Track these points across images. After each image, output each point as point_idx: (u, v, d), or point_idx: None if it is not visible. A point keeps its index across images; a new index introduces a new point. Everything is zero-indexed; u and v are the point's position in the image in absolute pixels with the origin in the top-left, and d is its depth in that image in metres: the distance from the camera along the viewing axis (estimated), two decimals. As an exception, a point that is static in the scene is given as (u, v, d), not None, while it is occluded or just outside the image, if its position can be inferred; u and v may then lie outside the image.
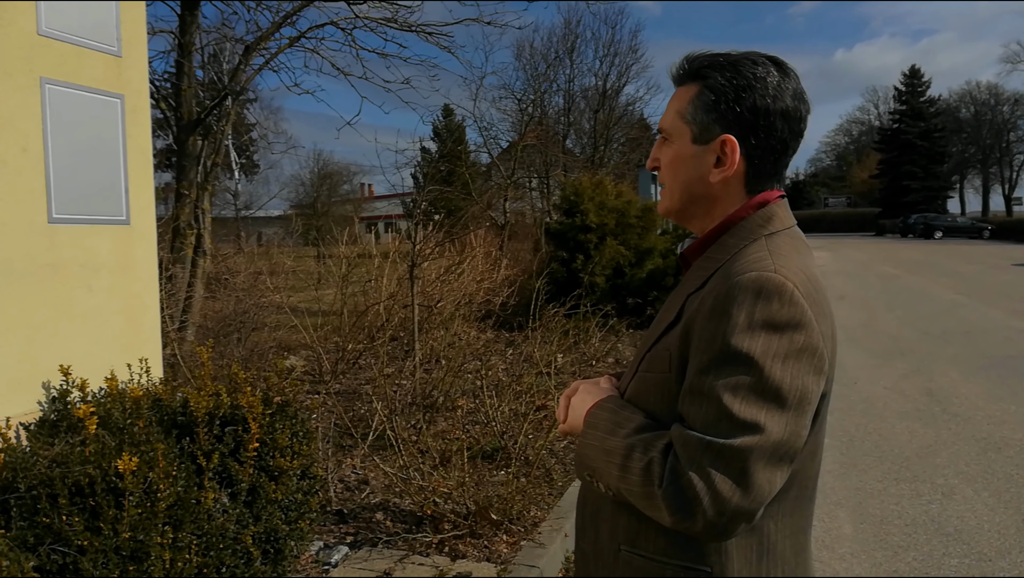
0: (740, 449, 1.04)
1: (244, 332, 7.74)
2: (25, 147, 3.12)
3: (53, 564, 2.25)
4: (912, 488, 4.67)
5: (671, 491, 1.06)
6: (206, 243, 7.66)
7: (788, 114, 1.22)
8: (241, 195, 33.57)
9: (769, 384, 1.06)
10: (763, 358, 1.06)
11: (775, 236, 1.21)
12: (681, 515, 1.05)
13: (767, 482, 1.06)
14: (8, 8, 3.04)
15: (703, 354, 1.10)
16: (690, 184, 1.26)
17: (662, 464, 1.08)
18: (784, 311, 1.08)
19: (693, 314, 1.15)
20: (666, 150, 1.29)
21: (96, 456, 2.36)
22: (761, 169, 1.24)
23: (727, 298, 1.10)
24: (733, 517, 1.05)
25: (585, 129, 24.04)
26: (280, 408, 3.02)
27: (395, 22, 8.47)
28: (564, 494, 4.21)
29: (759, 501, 1.06)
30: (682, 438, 1.08)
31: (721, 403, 1.06)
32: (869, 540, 3.95)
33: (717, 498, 1.03)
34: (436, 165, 19.89)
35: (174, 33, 7.95)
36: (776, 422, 1.06)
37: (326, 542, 3.58)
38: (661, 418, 1.18)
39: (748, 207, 1.23)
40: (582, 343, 7.98)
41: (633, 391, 1.27)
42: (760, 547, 1.17)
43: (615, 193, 11.20)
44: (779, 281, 1.10)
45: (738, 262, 1.16)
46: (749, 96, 1.20)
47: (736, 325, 1.08)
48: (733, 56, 1.24)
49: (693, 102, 1.24)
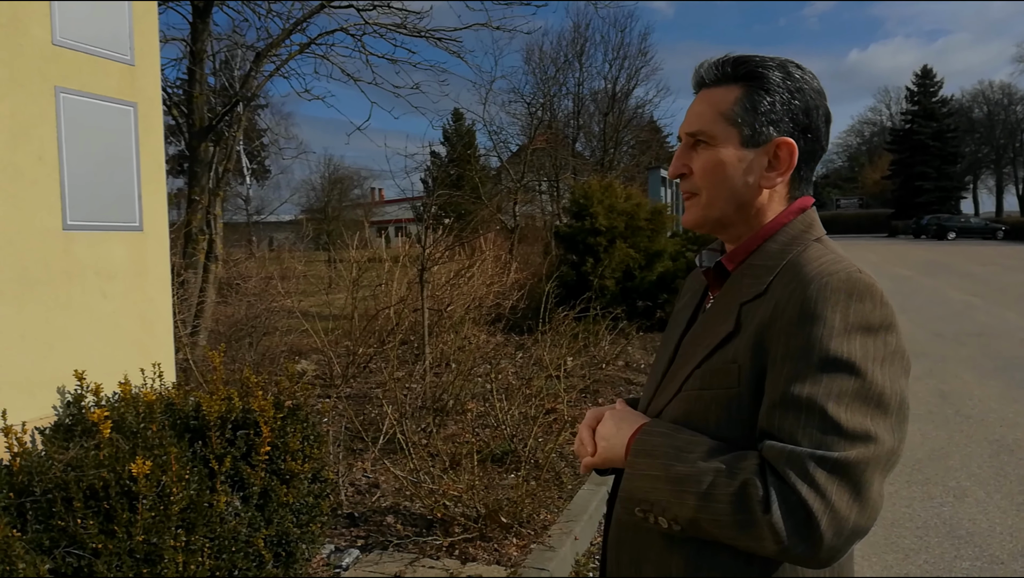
0: (856, 462, 0.96)
1: (256, 336, 7.79)
2: (40, 155, 3.17)
3: (68, 566, 2.28)
4: (924, 490, 4.65)
5: (782, 514, 0.95)
6: (218, 248, 7.71)
7: (828, 117, 1.19)
8: (252, 200, 33.75)
9: (873, 389, 0.99)
10: (864, 362, 1.00)
11: (823, 240, 1.16)
12: (795, 539, 0.95)
13: (879, 496, 0.99)
14: (23, 18, 3.09)
15: (795, 362, 1.01)
16: (737, 190, 1.17)
17: (760, 486, 0.97)
18: (878, 312, 1.03)
19: (766, 322, 1.06)
20: (703, 155, 1.18)
21: (110, 460, 2.39)
22: (804, 174, 1.20)
23: (818, 300, 1.02)
24: (850, 537, 0.97)
25: (594, 132, 24.05)
26: (291, 412, 3.05)
27: (404, 28, 8.52)
28: (574, 497, 4.22)
29: (874, 517, 0.99)
30: (786, 454, 0.97)
31: (826, 413, 0.97)
32: (880, 542, 3.93)
33: (836, 517, 0.95)
34: (446, 169, 19.97)
35: (186, 41, 8.03)
36: (885, 429, 0.99)
37: (337, 545, 3.60)
38: (727, 438, 1.07)
39: (789, 212, 1.18)
40: (592, 346, 7.98)
41: (680, 411, 1.15)
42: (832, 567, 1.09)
43: (625, 196, 11.19)
44: (869, 281, 1.04)
45: (810, 265, 1.08)
46: (802, 98, 1.16)
47: (832, 328, 1.00)
48: (776, 58, 1.19)
49: (740, 103, 1.16)
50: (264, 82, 8.72)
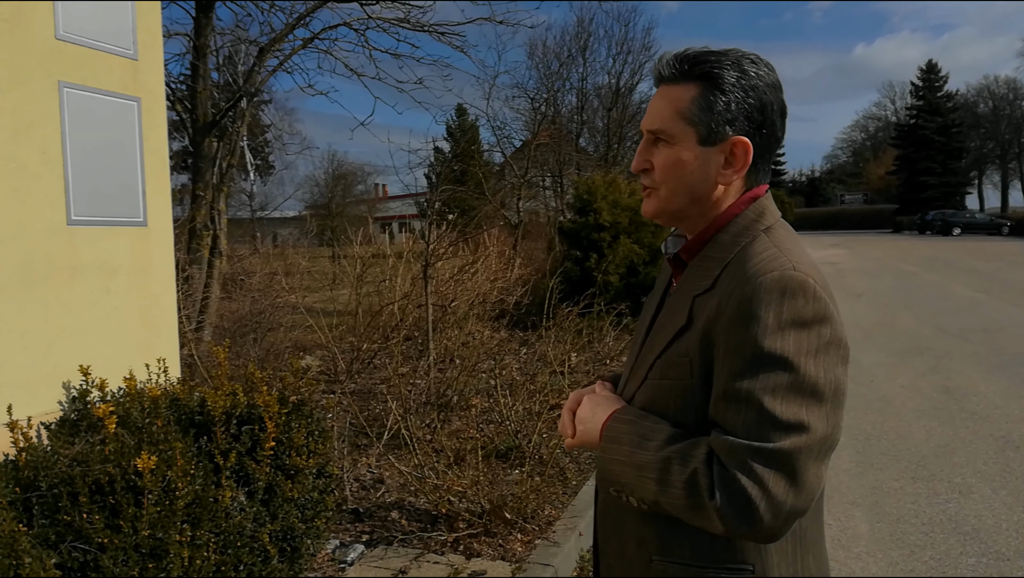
0: (790, 451, 1.05)
1: (260, 332, 7.80)
2: (44, 150, 3.16)
3: (74, 561, 2.29)
4: (929, 487, 4.64)
5: (725, 500, 1.05)
6: (222, 244, 7.72)
7: (783, 110, 1.24)
8: (256, 196, 33.78)
9: (806, 381, 1.07)
10: (796, 356, 1.07)
11: (772, 230, 1.21)
12: (737, 522, 1.05)
13: (816, 478, 1.08)
14: (26, 13, 3.09)
15: (734, 358, 1.10)
16: (694, 186, 1.23)
17: (708, 474, 1.08)
18: (810, 307, 1.09)
19: (711, 318, 1.14)
20: (663, 152, 1.24)
21: (116, 455, 2.39)
22: (760, 167, 1.24)
23: (752, 300, 1.09)
24: (788, 518, 1.06)
25: (598, 127, 23.97)
26: (296, 407, 3.05)
27: (408, 22, 8.51)
28: (578, 493, 4.21)
29: (811, 498, 1.08)
30: (728, 446, 1.07)
31: (763, 406, 1.06)
32: (885, 539, 3.93)
33: (773, 502, 1.04)
34: (449, 165, 19.93)
35: (189, 36, 8.03)
36: (818, 418, 1.07)
37: (342, 540, 3.60)
38: (685, 424, 1.17)
39: (740, 203, 1.24)
40: (596, 342, 7.97)
41: (646, 398, 1.25)
42: (794, 536, 1.18)
43: (628, 191, 11.16)
44: (801, 278, 1.10)
45: (751, 261, 1.15)
46: (756, 95, 1.20)
47: (766, 326, 1.08)
48: (731, 54, 1.22)
49: (696, 102, 1.20)
50: (267, 77, 8.72)
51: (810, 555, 1.20)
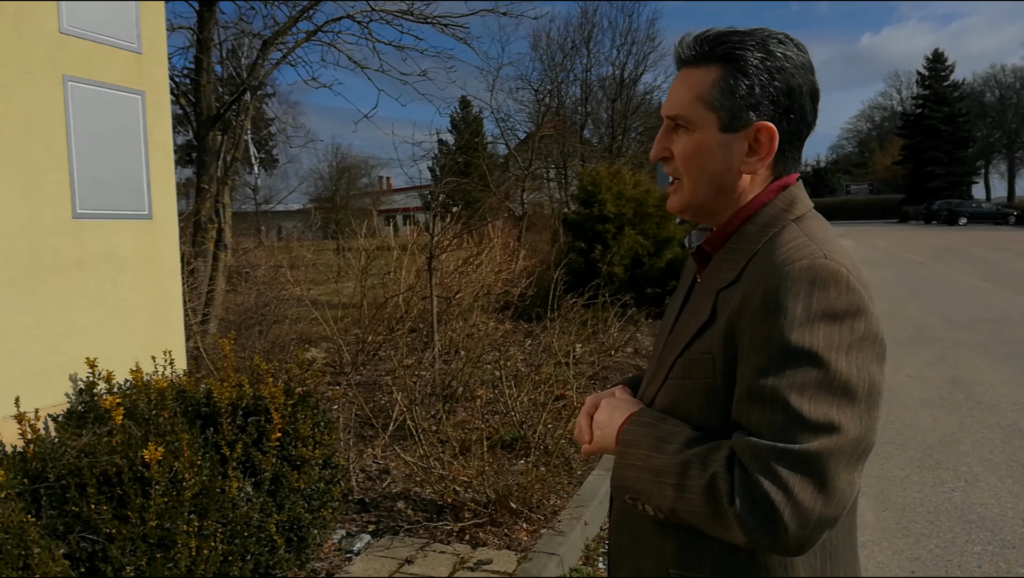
0: (818, 453, 0.96)
1: (265, 325, 7.82)
2: (49, 144, 3.17)
3: (83, 552, 2.30)
4: (935, 476, 4.64)
5: (746, 507, 0.96)
6: (227, 237, 7.73)
7: (814, 93, 1.15)
8: (261, 189, 33.82)
9: (837, 378, 0.98)
10: (827, 351, 0.98)
11: (803, 219, 1.13)
12: (760, 532, 0.96)
13: (848, 485, 0.98)
14: (30, 7, 3.09)
15: (759, 354, 1.01)
16: (718, 176, 1.14)
17: (728, 479, 0.99)
18: (843, 298, 1.00)
19: (736, 311, 1.05)
20: (682, 139, 1.15)
21: (123, 446, 2.41)
22: (789, 154, 1.16)
23: (779, 290, 1.00)
24: (817, 527, 0.97)
25: (603, 119, 23.88)
26: (302, 399, 3.06)
27: (411, 14, 8.48)
28: (583, 483, 4.22)
29: (842, 506, 0.98)
30: (750, 447, 0.98)
31: (789, 405, 0.97)
32: (891, 527, 3.93)
33: (799, 509, 0.95)
34: (453, 157, 19.91)
35: (192, 29, 8.02)
36: (850, 419, 0.98)
37: (348, 530, 3.62)
38: (708, 427, 1.08)
39: (768, 191, 1.15)
40: (601, 333, 7.97)
41: (667, 400, 1.16)
42: (824, 553, 1.09)
43: (633, 183, 11.14)
44: (833, 267, 1.02)
45: (778, 250, 1.06)
46: (783, 78, 1.11)
47: (794, 318, 0.99)
48: (757, 34, 1.13)
49: (719, 86, 1.11)
50: (271, 70, 8.71)
51: (840, 570, 1.12)
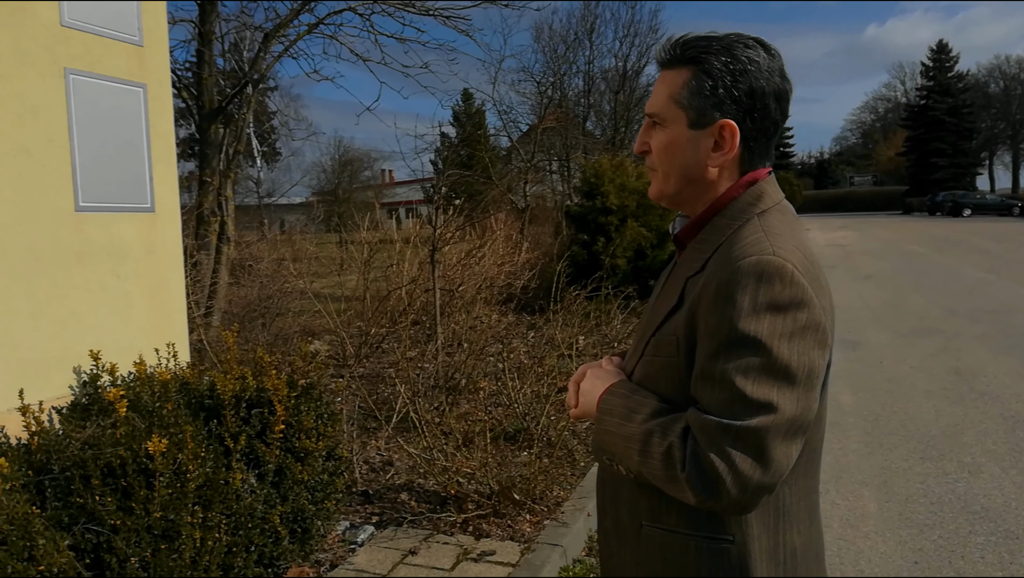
0: (757, 429, 1.08)
1: (268, 317, 7.83)
2: (51, 137, 3.17)
3: (87, 543, 2.31)
4: (938, 467, 4.63)
5: (694, 474, 1.10)
6: (230, 230, 7.74)
7: (780, 95, 1.24)
8: (263, 182, 33.73)
9: (778, 363, 1.10)
10: (770, 339, 1.10)
11: (766, 214, 1.23)
12: (705, 495, 1.10)
13: (784, 457, 1.11)
14: (31, 0, 3.09)
15: (711, 339, 1.13)
16: (687, 169, 1.26)
17: (682, 448, 1.13)
18: (786, 292, 1.11)
19: (696, 299, 1.17)
20: (658, 135, 1.29)
21: (127, 438, 2.41)
22: (755, 150, 1.26)
23: (730, 283, 1.12)
24: (755, 492, 1.10)
25: (605, 111, 23.81)
26: (305, 391, 3.06)
27: (413, 6, 8.46)
28: (587, 474, 4.23)
29: (779, 475, 1.11)
30: (699, 422, 1.12)
31: (734, 386, 1.09)
32: (894, 518, 3.93)
33: (739, 477, 1.08)
34: (456, 150, 19.89)
35: (194, 22, 8.01)
36: (788, 399, 1.10)
37: (352, 522, 3.63)
38: (672, 399, 1.22)
39: (738, 186, 1.26)
40: (604, 325, 7.97)
41: (641, 374, 1.30)
42: (777, 512, 1.22)
43: (636, 175, 11.10)
44: (779, 263, 1.12)
45: (736, 245, 1.18)
46: (745, 80, 1.21)
47: (741, 309, 1.11)
48: (724, 39, 1.24)
49: (688, 86, 1.23)
50: (273, 63, 8.70)
51: (794, 530, 1.24)
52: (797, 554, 1.24)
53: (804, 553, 1.25)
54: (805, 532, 1.26)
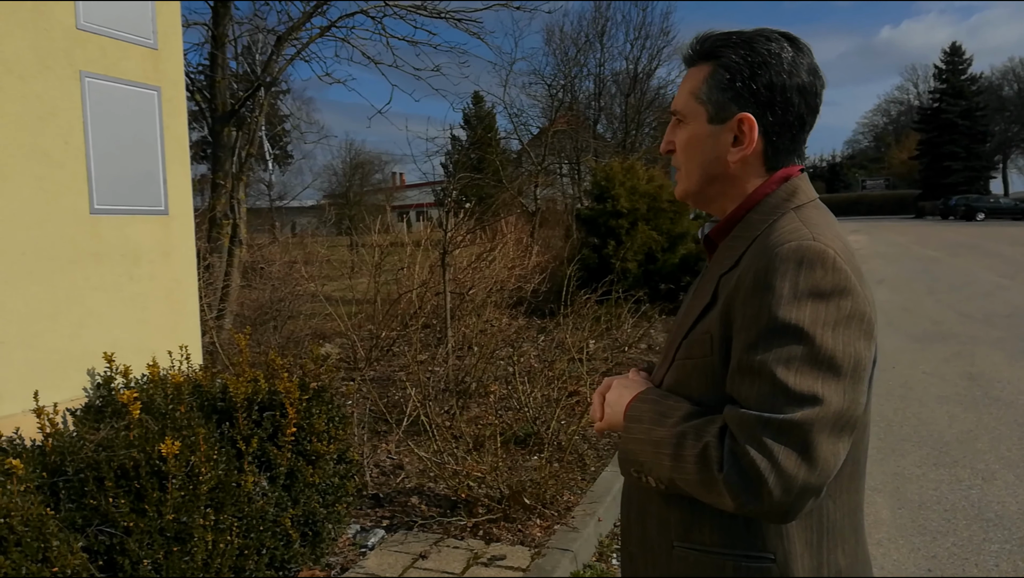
0: (801, 422, 1.01)
1: (280, 320, 7.86)
2: (67, 139, 3.20)
3: (101, 545, 2.32)
4: (952, 473, 4.60)
5: (733, 473, 1.02)
6: (242, 233, 7.77)
7: (804, 89, 1.20)
8: (275, 185, 33.84)
9: (822, 353, 1.03)
10: (813, 327, 1.03)
11: (802, 208, 1.18)
12: (746, 497, 1.02)
13: (832, 454, 1.03)
14: (48, 4, 3.11)
15: (749, 330, 1.07)
16: (708, 165, 1.23)
17: (719, 448, 1.05)
18: (829, 278, 1.05)
19: (732, 293, 1.11)
20: (681, 132, 1.26)
21: (140, 440, 2.42)
22: (780, 146, 1.21)
23: (768, 270, 1.07)
24: (801, 494, 1.01)
25: (616, 114, 23.80)
26: (316, 394, 3.07)
27: (425, 9, 8.47)
28: (597, 479, 4.22)
29: (826, 474, 1.03)
30: (738, 418, 1.04)
31: (775, 377, 1.02)
32: (907, 525, 3.90)
33: (783, 475, 1.00)
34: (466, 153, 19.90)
35: (207, 25, 8.05)
36: (834, 391, 1.03)
37: (363, 525, 3.63)
38: (707, 403, 1.14)
39: (771, 183, 1.21)
40: (614, 329, 7.96)
41: (672, 380, 1.23)
42: (820, 528, 1.14)
43: (646, 178, 11.09)
44: (820, 248, 1.07)
45: (772, 235, 1.13)
46: (765, 73, 1.18)
47: (781, 296, 1.04)
48: (746, 33, 1.22)
49: (707, 81, 1.21)
50: (285, 66, 8.73)
51: (839, 550, 1.15)
52: (843, 575, 1.16)
53: (850, 575, 1.17)
54: (851, 552, 1.18)
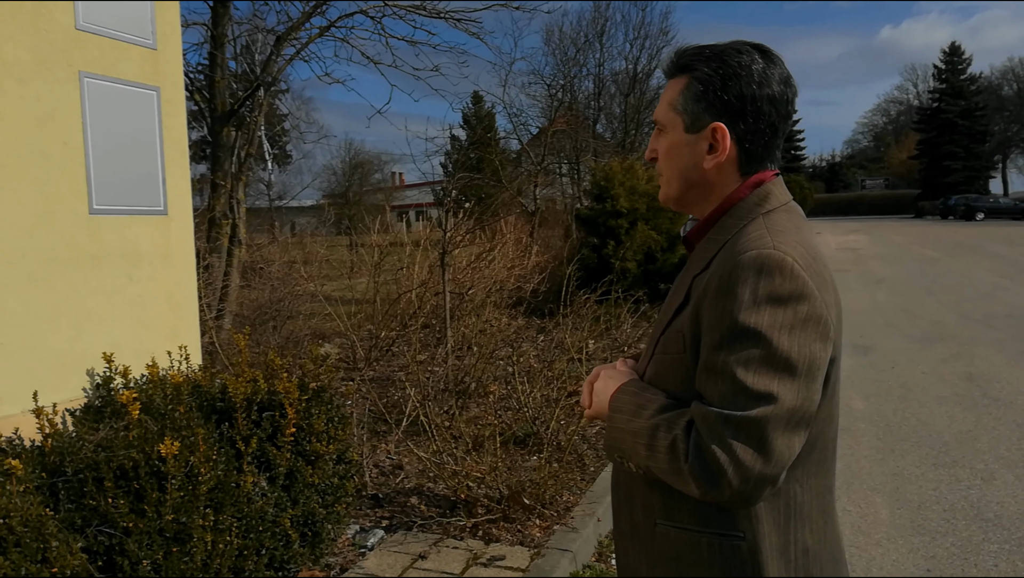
0: (757, 419, 1.10)
1: (279, 320, 7.86)
2: (66, 140, 3.20)
3: (100, 545, 2.33)
4: (951, 473, 4.60)
5: (697, 465, 1.12)
6: (241, 233, 7.76)
7: (775, 99, 1.27)
8: (274, 185, 33.80)
9: (778, 355, 1.12)
10: (770, 331, 1.12)
11: (772, 214, 1.26)
12: (708, 486, 1.12)
13: (786, 448, 1.12)
14: (47, 3, 3.11)
15: (713, 333, 1.16)
16: (686, 171, 1.32)
17: (686, 441, 1.15)
18: (786, 284, 1.14)
19: (701, 295, 1.21)
20: (662, 140, 1.35)
21: (139, 441, 2.42)
22: (753, 152, 1.29)
23: (731, 277, 1.15)
24: (757, 483, 1.11)
25: (615, 113, 23.79)
26: (316, 394, 3.07)
27: (424, 9, 8.47)
28: (596, 479, 4.22)
29: (780, 466, 1.12)
30: (701, 414, 1.14)
31: (735, 377, 1.12)
32: (906, 525, 3.90)
33: (741, 468, 1.10)
34: (466, 152, 19.90)
35: (207, 25, 8.05)
36: (789, 390, 1.12)
37: (362, 526, 3.63)
38: (681, 396, 1.24)
39: (744, 188, 1.29)
40: (613, 329, 7.96)
41: (652, 372, 1.33)
42: (788, 509, 1.23)
43: (646, 177, 11.08)
44: (778, 257, 1.15)
45: (739, 242, 1.21)
46: (735, 84, 1.26)
47: (742, 302, 1.13)
48: (718, 47, 1.30)
49: (683, 93, 1.30)
50: (285, 66, 8.73)
51: (805, 528, 1.24)
52: (809, 553, 1.24)
53: (818, 553, 1.25)
54: (819, 531, 1.26)
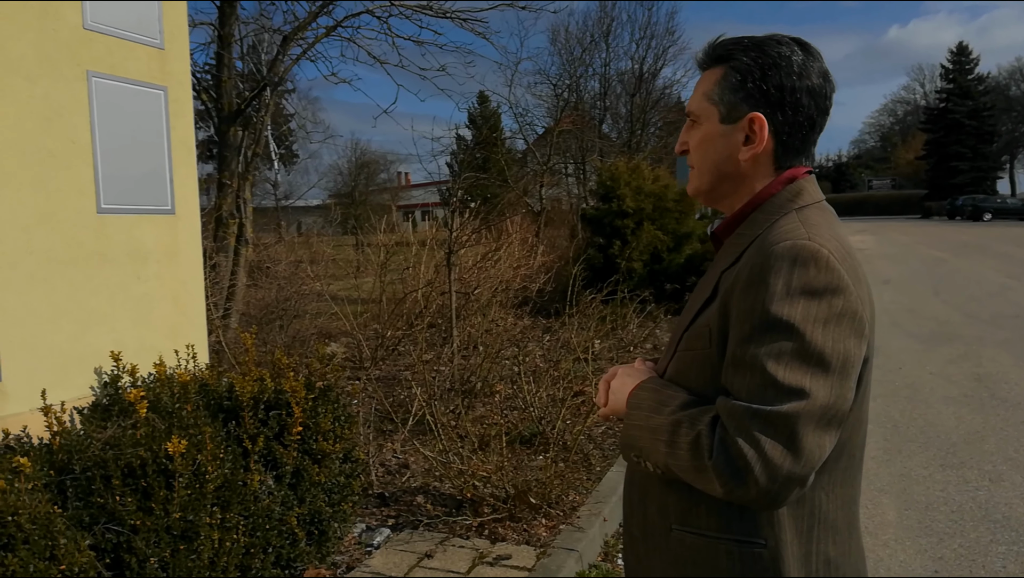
0: (788, 414, 1.05)
1: (286, 319, 7.87)
2: (73, 139, 3.21)
3: (108, 543, 2.33)
4: (959, 474, 4.58)
5: (721, 461, 1.06)
6: (248, 232, 7.79)
7: (814, 91, 1.23)
8: (281, 185, 33.89)
9: (811, 349, 1.07)
10: (803, 324, 1.07)
11: (805, 209, 1.22)
12: (733, 484, 1.06)
13: (817, 446, 1.07)
14: (54, 3, 3.12)
15: (743, 324, 1.11)
16: (720, 163, 1.28)
17: (710, 436, 1.09)
18: (821, 277, 1.09)
19: (730, 288, 1.16)
20: (694, 132, 1.31)
21: (147, 439, 2.43)
22: (789, 146, 1.25)
23: (763, 267, 1.11)
24: (786, 483, 1.05)
25: (621, 113, 23.80)
26: (322, 393, 3.07)
27: (430, 9, 8.48)
28: (602, 479, 4.22)
29: (810, 466, 1.06)
30: (728, 408, 1.09)
31: (765, 371, 1.06)
32: (914, 526, 3.89)
33: (768, 464, 1.04)
34: (472, 152, 19.90)
35: (214, 25, 8.07)
36: (821, 386, 1.06)
37: (368, 524, 3.64)
38: (704, 394, 1.19)
39: (777, 183, 1.25)
40: (619, 329, 7.95)
41: (673, 370, 1.28)
42: (812, 518, 1.17)
43: (652, 177, 11.07)
44: (814, 248, 1.11)
45: (771, 234, 1.17)
46: (775, 74, 1.22)
47: (774, 293, 1.08)
48: (757, 38, 1.26)
49: (719, 83, 1.26)
50: (291, 66, 8.75)
51: (830, 541, 1.19)
52: (831, 565, 1.19)
53: (840, 566, 1.20)
54: (843, 544, 1.21)
